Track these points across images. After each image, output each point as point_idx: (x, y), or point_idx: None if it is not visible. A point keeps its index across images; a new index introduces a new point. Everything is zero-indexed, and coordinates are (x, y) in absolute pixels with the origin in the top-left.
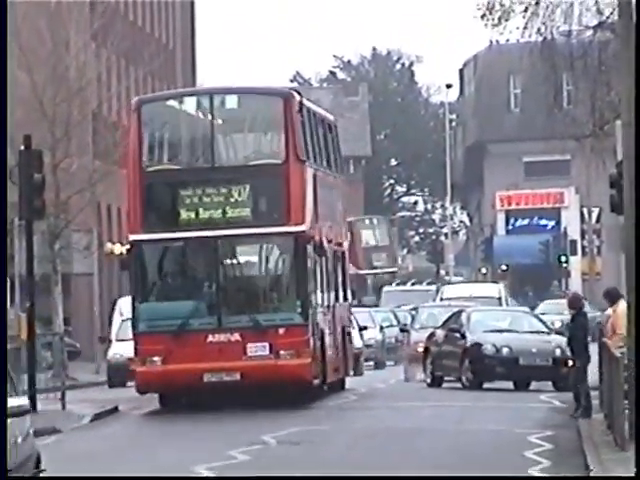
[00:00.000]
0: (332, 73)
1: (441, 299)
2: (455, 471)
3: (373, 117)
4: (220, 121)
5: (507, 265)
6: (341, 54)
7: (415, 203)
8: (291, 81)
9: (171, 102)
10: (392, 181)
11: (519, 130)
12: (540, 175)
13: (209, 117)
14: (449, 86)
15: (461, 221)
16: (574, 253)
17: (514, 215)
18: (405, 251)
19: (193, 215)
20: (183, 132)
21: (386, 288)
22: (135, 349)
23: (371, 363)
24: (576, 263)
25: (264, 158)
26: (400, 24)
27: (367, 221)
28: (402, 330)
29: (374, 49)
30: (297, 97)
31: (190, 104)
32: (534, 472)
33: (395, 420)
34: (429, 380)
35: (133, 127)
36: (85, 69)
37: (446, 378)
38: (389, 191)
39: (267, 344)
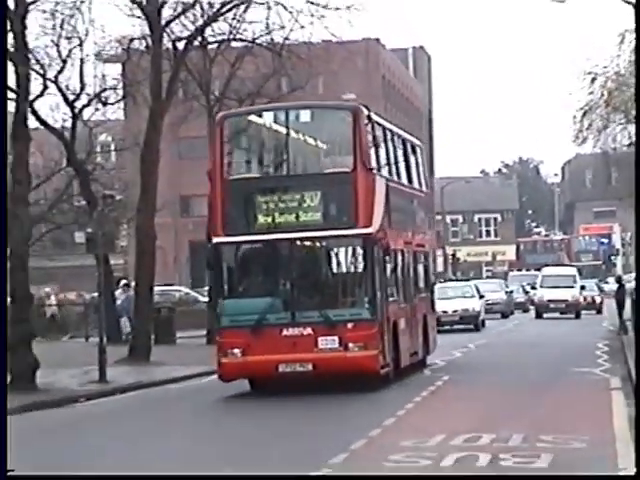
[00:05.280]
0: (499, 169)
1: (542, 276)
2: (560, 361)
3: (519, 190)
4: (295, 133)
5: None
6: (503, 158)
7: (539, 232)
8: (480, 172)
9: (251, 116)
10: (528, 220)
11: (591, 194)
12: (603, 217)
13: (285, 130)
14: (556, 174)
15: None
16: (617, 255)
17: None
18: None
19: (270, 219)
20: (262, 144)
21: (511, 273)
22: (219, 342)
23: (498, 315)
24: (618, 260)
25: (335, 167)
26: (532, 140)
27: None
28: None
29: (520, 157)
30: (365, 111)
31: (268, 118)
32: (601, 361)
33: (525, 336)
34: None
35: (217, 139)
36: None
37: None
38: (527, 226)
39: (337, 338)
